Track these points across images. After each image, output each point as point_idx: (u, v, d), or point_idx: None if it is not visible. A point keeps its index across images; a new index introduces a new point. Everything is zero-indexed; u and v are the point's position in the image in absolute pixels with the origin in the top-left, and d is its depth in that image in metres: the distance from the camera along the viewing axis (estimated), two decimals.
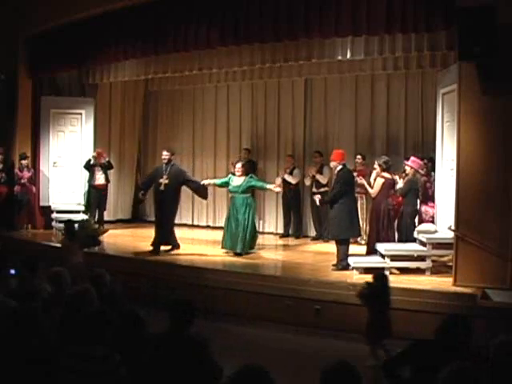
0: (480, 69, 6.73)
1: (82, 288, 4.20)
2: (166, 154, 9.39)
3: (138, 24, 9.49)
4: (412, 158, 8.66)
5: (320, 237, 10.78)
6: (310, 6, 7.86)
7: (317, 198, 8.76)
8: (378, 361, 5.73)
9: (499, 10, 6.39)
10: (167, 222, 9.34)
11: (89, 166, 11.23)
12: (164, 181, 9.20)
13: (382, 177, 8.38)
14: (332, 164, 8.27)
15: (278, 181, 11.23)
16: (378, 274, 6.20)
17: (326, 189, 10.25)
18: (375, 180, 8.51)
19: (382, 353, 5.82)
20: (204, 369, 3.52)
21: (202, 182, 9.59)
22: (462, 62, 6.84)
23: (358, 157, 10.29)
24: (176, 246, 9.46)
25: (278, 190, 9.77)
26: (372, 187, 8.53)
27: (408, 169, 8.53)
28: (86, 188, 11.46)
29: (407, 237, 8.21)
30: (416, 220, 8.55)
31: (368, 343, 5.90)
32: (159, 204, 9.39)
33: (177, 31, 9.04)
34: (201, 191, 9.67)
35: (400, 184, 8.86)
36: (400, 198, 8.72)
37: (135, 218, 13.19)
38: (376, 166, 8.53)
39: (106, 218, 12.13)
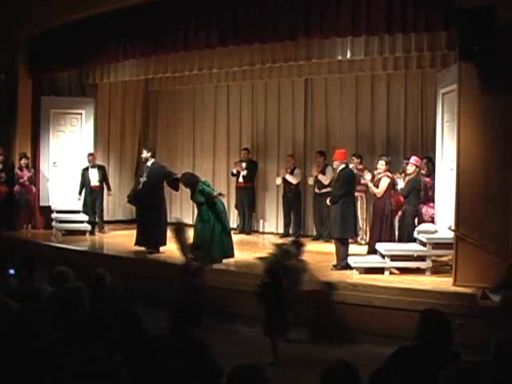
0: (480, 69, 6.73)
1: (73, 287, 4.20)
2: (144, 153, 9.53)
3: (138, 24, 9.49)
4: (414, 158, 8.59)
5: (320, 237, 10.79)
6: (310, 6, 7.86)
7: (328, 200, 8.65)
8: (276, 357, 5.89)
9: (499, 10, 6.39)
10: (150, 220, 9.19)
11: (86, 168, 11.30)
12: (143, 179, 9.28)
13: (388, 176, 8.38)
14: (335, 164, 8.35)
15: (279, 180, 11.25)
16: (271, 270, 6.19)
17: (328, 189, 10.22)
18: (380, 179, 8.49)
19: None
20: (204, 369, 3.53)
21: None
22: (462, 61, 6.84)
23: (353, 158, 10.23)
24: (155, 249, 9.21)
25: (222, 197, 8.70)
26: (376, 187, 8.51)
27: (411, 168, 8.47)
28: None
29: (408, 237, 8.20)
30: (415, 220, 8.54)
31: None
32: (139, 202, 9.44)
33: (176, 31, 9.04)
34: (172, 184, 9.50)
35: (401, 184, 8.85)
36: (401, 198, 8.71)
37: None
38: (382, 165, 8.51)
39: (105, 218, 12.16)
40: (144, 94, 13.34)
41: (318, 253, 9.53)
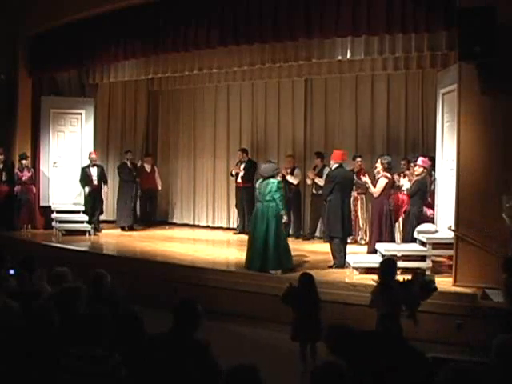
0: (480, 69, 6.74)
1: (73, 287, 4.19)
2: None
3: (138, 24, 9.48)
4: (422, 159, 8.55)
5: (312, 236, 10.88)
6: (309, 6, 7.86)
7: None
8: (306, 366, 5.63)
9: (499, 10, 6.39)
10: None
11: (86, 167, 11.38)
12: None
13: (385, 177, 8.37)
14: (331, 163, 8.39)
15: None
16: (302, 274, 6.07)
17: None
18: (378, 179, 8.49)
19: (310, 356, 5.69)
20: (205, 369, 3.52)
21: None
22: (462, 62, 6.84)
23: (359, 159, 10.29)
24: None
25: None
26: (374, 186, 8.51)
27: (418, 169, 8.44)
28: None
29: (412, 237, 8.18)
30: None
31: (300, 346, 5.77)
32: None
33: (177, 31, 9.04)
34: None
35: (405, 183, 8.84)
36: (401, 198, 8.69)
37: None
38: (378, 164, 8.51)
39: (105, 218, 12.15)
40: (144, 94, 13.34)
41: (318, 253, 9.54)
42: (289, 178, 11.01)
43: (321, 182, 10.53)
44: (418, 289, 5.31)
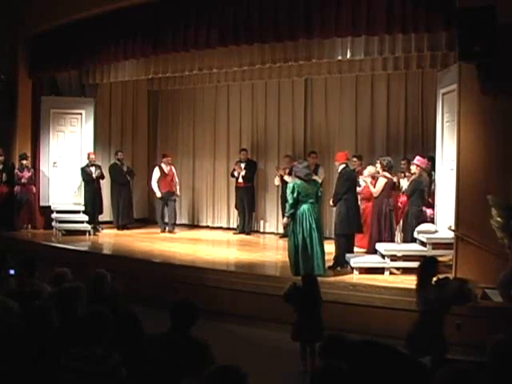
0: (480, 69, 6.73)
1: (72, 287, 4.20)
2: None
3: (138, 24, 9.49)
4: (418, 158, 8.57)
5: None
6: (309, 6, 7.86)
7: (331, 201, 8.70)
8: (306, 366, 5.64)
9: (499, 10, 6.39)
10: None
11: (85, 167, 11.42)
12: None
13: (385, 177, 8.38)
14: (336, 164, 8.40)
15: (277, 181, 11.24)
16: (306, 274, 6.11)
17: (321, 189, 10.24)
18: (377, 179, 8.50)
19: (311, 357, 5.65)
20: (204, 369, 3.52)
21: None
22: (461, 62, 6.84)
23: (354, 159, 10.28)
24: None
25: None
26: (374, 187, 8.52)
27: (414, 168, 8.45)
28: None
29: (412, 237, 8.17)
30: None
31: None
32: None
33: (176, 31, 9.04)
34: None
35: (404, 184, 8.84)
36: (404, 198, 8.70)
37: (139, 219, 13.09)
38: (378, 164, 8.52)
39: (106, 218, 12.14)
40: (144, 94, 13.35)
41: None
42: (286, 178, 10.99)
43: (317, 178, 10.52)
44: (452, 292, 5.22)
